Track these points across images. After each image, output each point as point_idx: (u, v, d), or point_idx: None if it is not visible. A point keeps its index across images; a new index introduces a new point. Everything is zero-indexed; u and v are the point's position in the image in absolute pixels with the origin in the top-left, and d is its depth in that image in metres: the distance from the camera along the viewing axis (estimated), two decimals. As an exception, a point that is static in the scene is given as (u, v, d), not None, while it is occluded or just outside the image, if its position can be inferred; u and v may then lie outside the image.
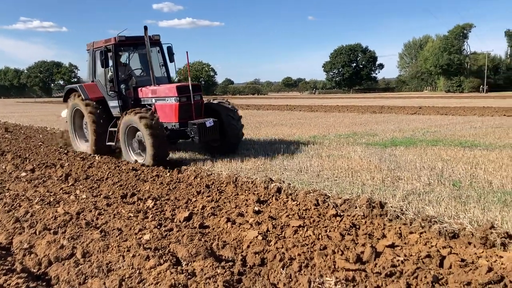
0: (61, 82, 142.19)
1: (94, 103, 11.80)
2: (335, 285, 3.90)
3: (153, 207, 6.64)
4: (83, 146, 13.06)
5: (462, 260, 4.25)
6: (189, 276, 4.02)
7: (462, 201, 6.38)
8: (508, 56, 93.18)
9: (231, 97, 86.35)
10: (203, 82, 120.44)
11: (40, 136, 18.27)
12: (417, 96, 67.91)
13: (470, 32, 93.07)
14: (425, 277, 3.88)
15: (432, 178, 7.83)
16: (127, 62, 12.21)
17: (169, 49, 11.90)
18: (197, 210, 6.40)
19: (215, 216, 6.03)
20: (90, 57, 12.37)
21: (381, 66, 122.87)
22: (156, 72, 11.80)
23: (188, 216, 5.98)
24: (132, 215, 6.20)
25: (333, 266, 4.25)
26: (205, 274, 4.04)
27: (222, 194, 7.25)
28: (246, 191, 7.27)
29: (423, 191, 6.99)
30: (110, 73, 11.47)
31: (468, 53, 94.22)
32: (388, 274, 4.03)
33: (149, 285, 3.92)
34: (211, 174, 9.03)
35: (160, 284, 3.88)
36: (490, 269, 3.96)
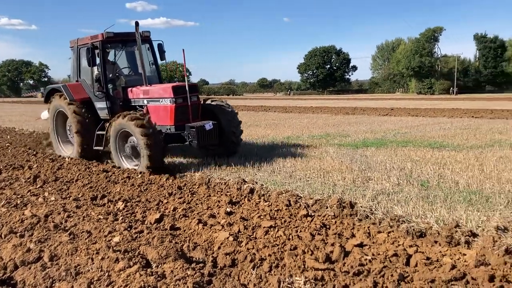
0: (31, 82, 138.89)
1: (80, 104, 11.07)
2: (305, 284, 3.95)
3: (123, 209, 6.57)
4: (68, 151, 12.13)
5: (428, 259, 4.37)
6: (159, 278, 4.00)
7: (429, 201, 6.53)
8: (477, 59, 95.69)
9: (205, 97, 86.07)
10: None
11: (8, 137, 17.81)
12: (389, 97, 69.10)
13: (440, 35, 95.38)
14: (392, 275, 3.96)
15: (401, 178, 8.00)
16: (115, 60, 11.44)
17: (160, 46, 11.23)
18: (169, 212, 6.36)
19: (187, 218, 6.01)
20: (74, 55, 11.56)
21: (354, 68, 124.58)
22: (146, 71, 11.09)
23: (159, 218, 5.94)
24: (102, 217, 6.12)
25: (303, 266, 4.30)
26: (175, 276, 4.03)
27: (194, 195, 7.24)
28: (219, 193, 7.27)
29: (392, 191, 7.13)
30: (96, 72, 10.76)
31: (439, 55, 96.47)
32: (356, 273, 4.10)
33: (118, 288, 3.88)
34: (184, 175, 8.99)
35: (129, 287, 3.85)
36: (453, 267, 4.08)
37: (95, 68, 10.73)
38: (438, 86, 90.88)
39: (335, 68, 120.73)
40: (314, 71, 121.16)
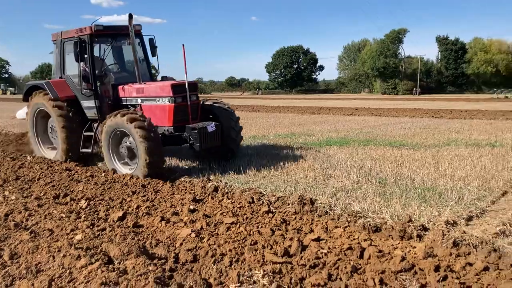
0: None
1: (64, 103, 10.16)
2: (263, 277, 4.11)
3: (86, 207, 6.57)
4: (49, 153, 11.18)
5: (380, 251, 4.61)
6: (121, 274, 4.07)
7: (386, 197, 6.83)
8: (439, 60, 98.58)
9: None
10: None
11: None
12: (354, 97, 70.41)
13: (404, 36, 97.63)
14: (345, 267, 4.18)
15: (360, 176, 8.28)
16: (104, 56, 10.55)
17: (151, 41, 10.53)
18: (132, 210, 6.41)
19: (150, 216, 6.08)
20: (57, 49, 10.66)
21: (321, 68, 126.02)
22: (133, 68, 10.35)
23: (122, 215, 5.99)
24: (64, 215, 6.12)
25: (262, 260, 4.46)
26: (136, 272, 4.11)
27: (158, 193, 7.29)
28: (183, 191, 7.35)
29: (351, 188, 7.40)
30: (82, 68, 10.01)
31: (403, 57, 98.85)
32: (312, 265, 4.29)
33: (79, 284, 3.94)
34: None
35: (90, 283, 3.92)
36: (403, 259, 4.33)
37: (82, 64, 10.00)
38: (402, 87, 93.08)
39: (302, 68, 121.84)
40: (282, 71, 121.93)
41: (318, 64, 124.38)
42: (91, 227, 5.58)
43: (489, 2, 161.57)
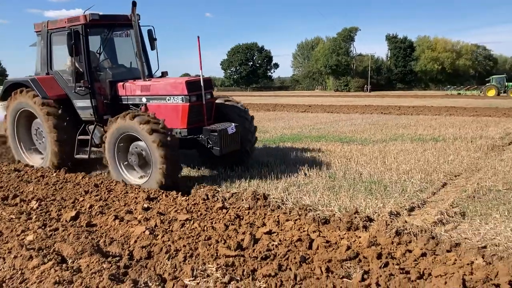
0: None
1: (54, 103, 9.01)
2: (216, 271, 4.25)
3: (37, 208, 6.47)
4: (34, 159, 9.99)
5: (327, 242, 4.86)
6: (75, 273, 4.10)
7: (335, 191, 7.14)
8: (389, 58, 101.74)
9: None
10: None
11: None
12: (308, 94, 71.58)
13: (356, 35, 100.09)
14: (295, 257, 4.39)
15: (311, 171, 8.58)
16: (100, 49, 9.35)
17: (150, 33, 9.39)
18: (85, 209, 6.37)
19: (103, 215, 6.07)
20: (43, 41, 9.42)
21: (276, 65, 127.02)
22: (128, 63, 9.66)
23: (75, 215, 5.95)
24: (14, 217, 6.01)
25: (215, 254, 4.60)
26: (91, 270, 4.15)
27: (111, 192, 7.27)
28: (136, 189, 7.36)
29: (302, 182, 7.67)
30: (68, 64, 9.06)
31: (354, 54, 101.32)
32: (264, 257, 4.49)
33: (32, 284, 3.94)
34: (101, 173, 8.94)
35: (43, 282, 3.93)
36: (348, 248, 4.60)
37: (70, 59, 8.95)
38: (354, 84, 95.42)
39: (257, 65, 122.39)
40: (237, 68, 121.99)
41: (273, 61, 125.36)
42: (43, 227, 5.52)
43: (433, 2, 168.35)
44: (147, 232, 5.21)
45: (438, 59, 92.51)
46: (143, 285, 3.94)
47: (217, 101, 8.92)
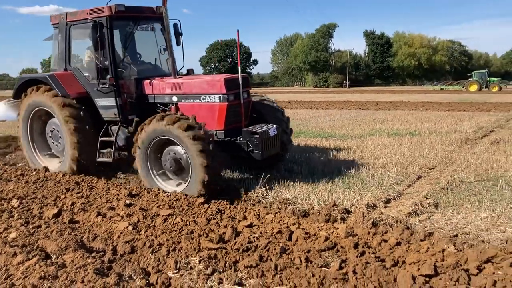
0: None
1: (75, 102, 8.27)
2: (199, 263, 4.38)
3: (18, 206, 6.47)
4: (49, 163, 9.15)
5: (306, 233, 5.03)
6: (59, 268, 4.18)
7: (314, 185, 7.32)
8: (367, 54, 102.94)
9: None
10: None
11: None
12: (288, 91, 71.96)
13: (334, 31, 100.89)
14: (275, 249, 4.55)
15: (291, 166, 8.75)
16: (126, 44, 8.52)
17: (176, 27, 8.73)
18: (67, 206, 6.41)
19: (86, 211, 6.13)
20: (61, 34, 8.63)
21: (255, 62, 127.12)
22: (150, 59, 9.05)
23: (57, 212, 5.98)
24: (-5, 215, 6.01)
25: (198, 247, 4.72)
26: (75, 265, 4.24)
27: (93, 190, 7.31)
28: (118, 186, 7.42)
29: (282, 177, 7.82)
30: (87, 59, 8.52)
31: (333, 51, 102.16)
32: (245, 249, 4.63)
33: (17, 280, 4.00)
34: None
35: (29, 278, 3.99)
36: (327, 238, 4.78)
37: (88, 53, 8.49)
38: (332, 80, 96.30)
39: (236, 62, 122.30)
40: (217, 65, 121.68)
41: (252, 58, 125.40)
42: (25, 225, 5.55)
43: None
44: (130, 228, 5.29)
45: (415, 55, 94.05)
46: (127, 278, 4.04)
47: (253, 99, 8.33)
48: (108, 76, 7.89)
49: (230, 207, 6.19)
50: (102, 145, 8.31)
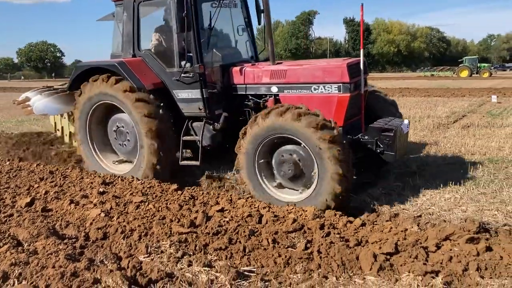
0: None
1: (152, 96, 6.98)
2: (170, 247, 4.48)
3: (-9, 196, 6.47)
4: (116, 167, 7.80)
5: (275, 216, 5.18)
6: (31, 254, 4.24)
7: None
8: (347, 41, 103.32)
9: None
10: (48, 64, 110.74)
11: None
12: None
13: (314, 18, 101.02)
14: (244, 231, 4.68)
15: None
16: (211, 24, 7.08)
17: (257, 4, 7.63)
18: (40, 195, 6.42)
19: (59, 200, 6.16)
20: (126, 13, 7.30)
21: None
22: (233, 41, 7.93)
23: (30, 201, 6.00)
24: (-34, 205, 6.00)
25: (169, 232, 4.82)
26: (47, 251, 4.30)
27: (67, 178, 7.32)
28: (92, 175, 7.43)
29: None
30: (155, 42, 7.32)
31: (313, 38, 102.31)
32: (215, 232, 4.75)
33: (-12, 267, 4.04)
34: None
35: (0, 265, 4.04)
36: (294, 220, 4.93)
37: (157, 35, 7.31)
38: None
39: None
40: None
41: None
42: (-3, 214, 5.57)
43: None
44: (102, 215, 5.36)
45: (394, 41, 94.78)
46: (98, 263, 4.12)
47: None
48: (197, 64, 6.64)
49: (203, 193, 6.29)
50: (185, 145, 7.19)
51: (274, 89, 6.68)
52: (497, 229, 4.81)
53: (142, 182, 6.80)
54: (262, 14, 7.50)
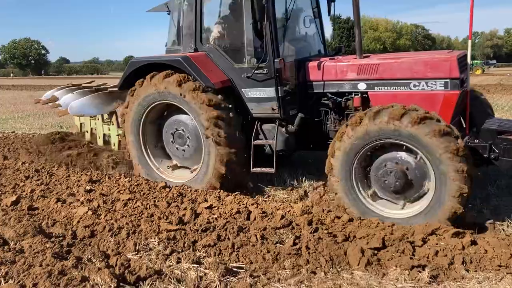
0: None
1: (221, 97, 6.17)
2: (158, 244, 4.48)
3: (-25, 195, 6.38)
4: (173, 174, 6.94)
5: (264, 212, 5.20)
6: (17, 253, 4.20)
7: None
8: (333, 38, 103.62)
9: (67, 77, 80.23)
10: (33, 62, 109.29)
11: None
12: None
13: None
14: (233, 228, 4.69)
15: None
16: (288, 14, 6.62)
17: None
18: (26, 194, 6.34)
19: (45, 198, 6.09)
20: (187, 3, 6.58)
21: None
22: (301, 32, 7.16)
23: (15, 200, 5.92)
24: (-50, 204, 5.91)
25: (157, 229, 4.82)
26: (33, 250, 4.26)
27: (53, 177, 7.24)
28: (79, 173, 7.37)
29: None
30: (217, 34, 6.62)
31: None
32: (204, 229, 4.76)
33: (-27, 267, 3.99)
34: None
35: (-15, 264, 4.00)
36: (283, 217, 4.95)
37: (218, 27, 6.64)
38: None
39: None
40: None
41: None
42: (-18, 213, 5.50)
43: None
44: (90, 213, 5.32)
45: (380, 39, 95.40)
46: (86, 261, 4.10)
47: None
48: (276, 59, 5.90)
49: (191, 190, 6.27)
50: (256, 151, 6.34)
51: (362, 86, 5.87)
52: (482, 224, 4.90)
53: (130, 179, 6.75)
54: (332, 4, 6.95)
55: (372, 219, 4.95)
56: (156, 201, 5.80)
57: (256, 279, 3.79)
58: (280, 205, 5.50)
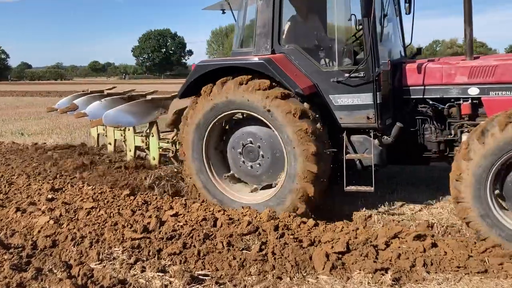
0: None
1: (308, 106, 5.40)
2: (122, 253, 4.40)
3: None
4: (236, 192, 6.06)
5: (230, 219, 5.18)
6: (-28, 268, 4.03)
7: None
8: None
9: (29, 83, 77.98)
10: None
11: None
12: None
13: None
14: (199, 235, 4.66)
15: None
16: (385, 10, 5.95)
17: None
18: (-17, 203, 6.12)
19: (4, 208, 5.88)
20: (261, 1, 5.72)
21: (190, 52, 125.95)
22: (388, 33, 6.25)
23: (-28, 210, 5.71)
24: None
25: (122, 238, 4.73)
26: (-10, 263, 4.10)
27: (12, 185, 7.01)
28: (40, 181, 7.16)
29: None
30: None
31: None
32: (169, 237, 4.70)
33: None
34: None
35: None
36: (249, 223, 4.95)
37: (288, 24, 5.89)
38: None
39: (171, 52, 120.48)
40: (150, 55, 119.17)
41: (187, 48, 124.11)
42: None
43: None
44: (51, 222, 5.17)
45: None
46: (47, 272, 3.97)
47: None
48: (384, 61, 5.22)
49: (156, 198, 6.19)
50: (348, 166, 5.56)
51: (474, 91, 5.21)
52: (443, 226, 5.05)
53: (93, 187, 6.61)
54: (412, 2, 6.08)
55: (337, 224, 5.03)
56: (121, 209, 5.69)
57: (222, 286, 3.78)
58: (247, 211, 5.49)
